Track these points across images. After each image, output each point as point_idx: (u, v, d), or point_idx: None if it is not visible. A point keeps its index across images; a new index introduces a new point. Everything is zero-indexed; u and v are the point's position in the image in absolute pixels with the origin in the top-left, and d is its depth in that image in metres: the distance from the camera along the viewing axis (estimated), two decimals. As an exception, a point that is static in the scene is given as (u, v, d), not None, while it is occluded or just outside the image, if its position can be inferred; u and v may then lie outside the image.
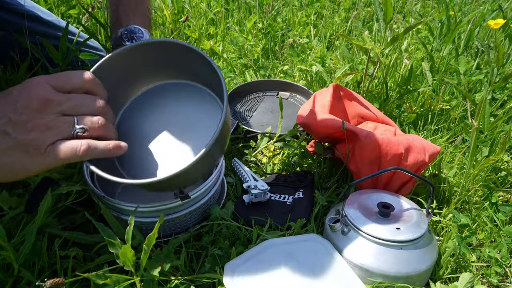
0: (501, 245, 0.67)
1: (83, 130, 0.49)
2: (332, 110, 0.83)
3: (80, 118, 0.49)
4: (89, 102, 0.51)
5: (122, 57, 0.59)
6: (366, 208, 0.66)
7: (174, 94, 0.66)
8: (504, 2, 1.78)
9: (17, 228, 0.59)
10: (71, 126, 0.48)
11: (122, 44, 0.68)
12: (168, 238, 0.66)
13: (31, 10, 0.95)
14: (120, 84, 0.63)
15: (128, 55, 0.59)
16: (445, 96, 1.08)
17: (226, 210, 0.71)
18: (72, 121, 0.49)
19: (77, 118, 0.49)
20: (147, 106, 0.66)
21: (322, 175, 0.85)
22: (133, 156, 0.62)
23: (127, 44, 0.64)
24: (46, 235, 0.58)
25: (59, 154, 0.47)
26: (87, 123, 0.50)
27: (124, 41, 0.68)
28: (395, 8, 1.78)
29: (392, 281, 0.59)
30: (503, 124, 0.96)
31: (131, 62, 0.61)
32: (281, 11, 1.70)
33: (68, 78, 0.50)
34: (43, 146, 0.46)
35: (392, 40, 0.90)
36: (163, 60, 0.62)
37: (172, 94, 0.66)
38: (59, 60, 0.86)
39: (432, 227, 0.74)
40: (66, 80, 0.50)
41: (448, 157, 0.91)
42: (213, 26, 1.58)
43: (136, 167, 0.61)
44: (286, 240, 0.64)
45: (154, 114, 0.65)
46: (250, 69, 1.29)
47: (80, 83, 0.51)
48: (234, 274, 0.58)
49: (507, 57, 1.07)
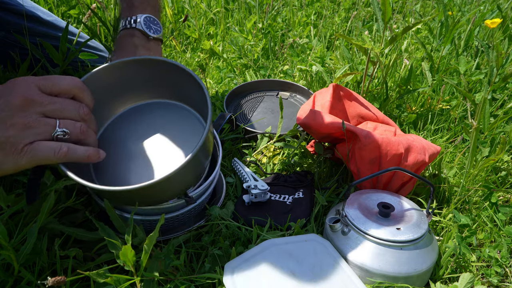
0: (501, 245, 0.67)
1: (64, 133, 0.49)
2: (332, 110, 0.83)
3: (62, 121, 0.49)
4: (73, 107, 0.51)
5: (114, 70, 0.60)
6: (366, 208, 0.66)
7: (160, 113, 0.66)
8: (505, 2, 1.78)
9: (17, 228, 0.59)
10: (52, 128, 0.48)
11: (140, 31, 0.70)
12: (168, 236, 0.66)
13: (31, 10, 0.95)
14: (109, 96, 0.63)
15: (120, 68, 0.60)
16: (445, 96, 1.08)
17: (226, 210, 0.71)
18: (53, 124, 0.49)
19: (59, 121, 0.49)
20: (132, 122, 0.66)
21: (322, 175, 0.85)
22: (109, 168, 0.62)
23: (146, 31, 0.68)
24: (46, 235, 0.58)
25: (37, 154, 0.47)
26: (69, 127, 0.50)
27: (143, 28, 0.70)
28: (394, 8, 1.78)
29: (392, 281, 0.59)
30: (503, 124, 0.97)
31: (122, 75, 0.61)
32: (281, 11, 1.70)
33: (56, 81, 0.50)
34: (20, 145, 0.46)
35: (391, 40, 0.90)
36: (154, 78, 0.63)
37: (158, 113, 0.66)
38: (59, 60, 0.85)
39: (432, 227, 0.74)
40: (53, 83, 0.50)
41: (448, 157, 0.91)
42: (213, 26, 1.58)
43: (109, 178, 0.62)
44: (286, 240, 0.64)
45: (138, 130, 0.65)
46: (250, 69, 1.29)
47: (67, 88, 0.51)
48: (234, 274, 0.58)
49: (507, 57, 1.07)
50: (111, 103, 0.65)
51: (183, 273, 0.61)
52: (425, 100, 1.08)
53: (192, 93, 0.60)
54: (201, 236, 0.69)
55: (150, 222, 0.63)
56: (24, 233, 0.57)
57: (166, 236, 0.67)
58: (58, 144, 0.48)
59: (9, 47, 0.93)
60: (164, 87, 0.64)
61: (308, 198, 0.77)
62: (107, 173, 0.62)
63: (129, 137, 0.65)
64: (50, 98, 0.49)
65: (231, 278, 0.57)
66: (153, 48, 0.72)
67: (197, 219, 0.70)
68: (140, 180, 0.57)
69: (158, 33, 0.73)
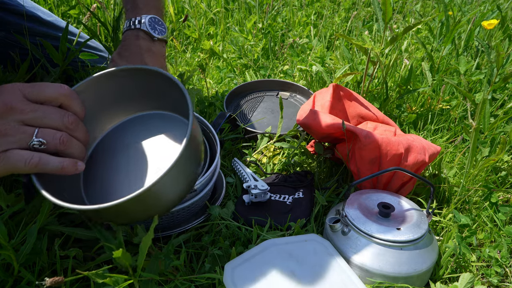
0: (501, 245, 0.67)
1: (40, 143, 0.47)
2: (332, 110, 0.83)
3: (41, 130, 0.47)
4: (57, 116, 0.49)
5: (106, 79, 0.58)
6: (366, 208, 0.66)
7: (154, 124, 0.64)
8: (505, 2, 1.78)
9: (17, 228, 0.59)
10: (28, 137, 0.46)
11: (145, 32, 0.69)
12: (169, 232, 0.66)
13: (31, 10, 0.95)
14: (103, 106, 0.61)
15: (112, 78, 0.59)
16: (445, 96, 1.08)
17: (226, 210, 0.71)
18: (31, 132, 0.47)
19: (38, 130, 0.47)
20: (127, 133, 0.64)
21: (322, 175, 0.85)
22: (100, 181, 0.60)
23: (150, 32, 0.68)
24: (46, 235, 0.58)
25: (8, 162, 0.45)
26: (47, 137, 0.48)
27: (148, 29, 0.70)
28: (395, 8, 1.78)
29: (392, 282, 0.59)
30: (503, 124, 0.96)
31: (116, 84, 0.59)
32: (281, 11, 1.70)
33: (43, 89, 0.48)
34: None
35: (391, 40, 0.90)
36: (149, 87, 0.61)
37: (153, 124, 0.64)
38: (59, 60, 0.86)
39: (432, 227, 0.74)
40: (40, 90, 0.48)
41: (448, 157, 0.91)
42: (213, 26, 1.58)
43: (98, 191, 0.59)
44: (286, 240, 0.64)
45: (131, 142, 0.63)
46: (250, 69, 1.29)
47: (53, 95, 0.49)
48: (234, 274, 0.58)
49: (507, 57, 1.07)
50: (105, 114, 0.63)
51: (183, 273, 0.61)
52: (425, 100, 1.08)
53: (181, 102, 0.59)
54: (201, 236, 0.69)
55: None
56: (24, 233, 0.57)
57: (167, 232, 0.67)
58: (30, 153, 0.46)
59: (10, 47, 0.93)
60: (156, 97, 0.63)
61: (308, 198, 0.77)
62: (97, 186, 0.60)
63: (122, 149, 0.63)
64: (33, 105, 0.47)
65: (231, 278, 0.57)
66: (157, 50, 0.72)
67: (197, 216, 0.70)
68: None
69: (162, 33, 0.73)
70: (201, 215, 0.71)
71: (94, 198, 0.59)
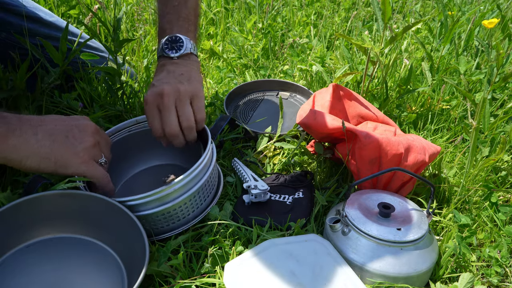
0: (501, 245, 0.67)
1: (105, 161, 0.64)
2: (332, 110, 0.83)
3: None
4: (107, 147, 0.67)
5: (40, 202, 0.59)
6: (366, 208, 0.66)
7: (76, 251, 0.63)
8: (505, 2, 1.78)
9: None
10: (100, 156, 0.64)
11: (165, 56, 0.73)
12: (169, 233, 0.66)
13: (32, 11, 0.95)
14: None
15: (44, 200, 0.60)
16: (445, 96, 1.08)
17: (225, 210, 0.71)
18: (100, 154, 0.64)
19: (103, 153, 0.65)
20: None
21: (322, 175, 0.85)
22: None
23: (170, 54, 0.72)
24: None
25: (97, 172, 0.62)
26: (108, 158, 0.66)
27: (167, 52, 0.72)
28: (394, 8, 1.78)
29: (392, 282, 0.59)
30: (503, 124, 0.96)
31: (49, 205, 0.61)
32: (281, 11, 1.70)
33: None
34: (90, 157, 0.61)
35: (391, 40, 0.90)
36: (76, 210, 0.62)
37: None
38: (59, 60, 0.85)
39: (432, 227, 0.74)
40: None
41: (448, 157, 0.91)
42: (213, 26, 1.58)
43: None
44: (286, 240, 0.64)
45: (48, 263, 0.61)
46: (250, 69, 1.29)
47: None
48: (234, 274, 0.58)
49: (507, 57, 1.07)
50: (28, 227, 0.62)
51: (183, 273, 0.61)
52: (425, 100, 1.08)
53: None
54: (201, 236, 0.69)
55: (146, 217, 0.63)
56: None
57: (167, 234, 0.66)
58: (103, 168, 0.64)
59: (10, 47, 0.93)
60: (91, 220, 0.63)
61: (308, 198, 0.77)
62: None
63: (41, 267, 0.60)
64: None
65: (231, 278, 0.57)
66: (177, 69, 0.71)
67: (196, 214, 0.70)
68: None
69: (180, 50, 0.72)
70: (200, 214, 0.70)
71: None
